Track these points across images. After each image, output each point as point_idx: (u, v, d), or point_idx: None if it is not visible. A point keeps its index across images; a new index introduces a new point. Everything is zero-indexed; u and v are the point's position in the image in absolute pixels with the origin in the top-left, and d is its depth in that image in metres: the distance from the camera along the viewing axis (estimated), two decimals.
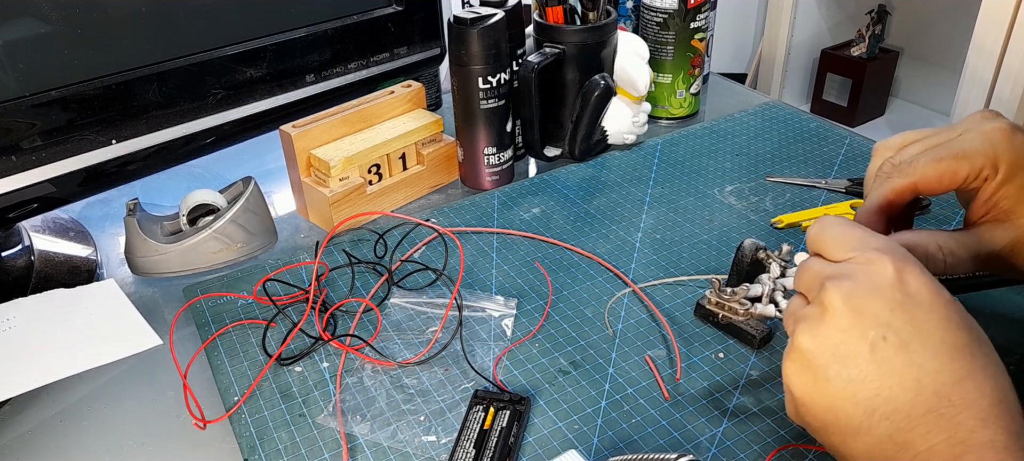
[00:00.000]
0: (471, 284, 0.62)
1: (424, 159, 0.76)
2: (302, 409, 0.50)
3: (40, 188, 0.59)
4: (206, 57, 0.65)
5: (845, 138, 0.83)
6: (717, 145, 0.83)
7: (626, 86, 0.79)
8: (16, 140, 0.57)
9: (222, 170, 0.80)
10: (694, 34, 0.85)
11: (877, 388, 0.34)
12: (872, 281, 0.35)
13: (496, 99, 0.72)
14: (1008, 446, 0.31)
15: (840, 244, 0.38)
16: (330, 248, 0.67)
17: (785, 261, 0.51)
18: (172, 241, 0.63)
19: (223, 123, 0.68)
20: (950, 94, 1.45)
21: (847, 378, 0.34)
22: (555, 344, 0.55)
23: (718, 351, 0.54)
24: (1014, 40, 1.26)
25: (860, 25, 1.96)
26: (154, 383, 0.55)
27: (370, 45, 0.76)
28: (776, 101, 0.94)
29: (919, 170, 0.43)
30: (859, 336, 0.34)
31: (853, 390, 0.34)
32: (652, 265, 0.64)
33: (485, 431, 0.47)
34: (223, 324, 0.58)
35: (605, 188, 0.76)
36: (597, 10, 0.76)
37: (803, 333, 0.36)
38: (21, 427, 0.52)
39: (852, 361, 0.34)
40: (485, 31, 0.68)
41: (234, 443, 0.49)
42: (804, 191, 0.73)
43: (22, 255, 0.66)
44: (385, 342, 0.56)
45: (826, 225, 0.39)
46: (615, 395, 0.50)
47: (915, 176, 0.43)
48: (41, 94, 0.57)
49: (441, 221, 0.71)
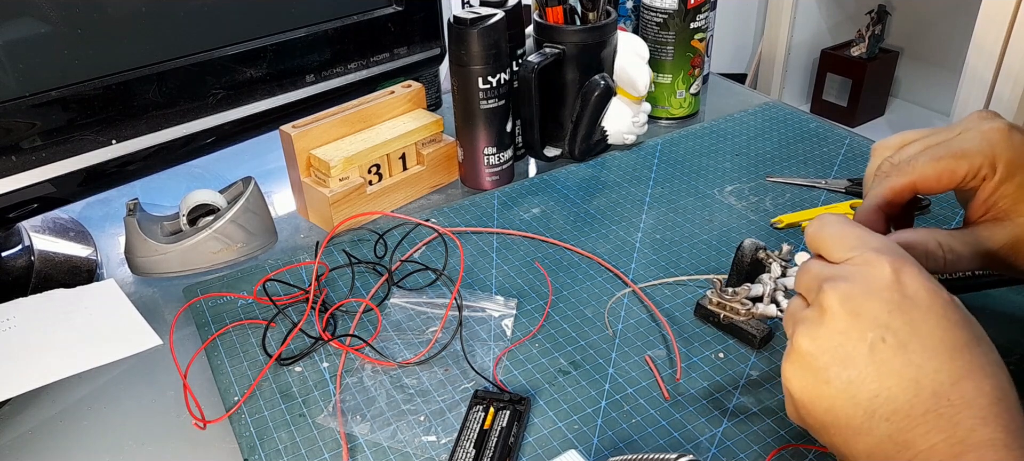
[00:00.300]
0: (471, 284, 0.62)
1: (424, 159, 0.76)
2: (302, 409, 0.50)
3: (40, 188, 0.59)
4: (206, 57, 0.65)
5: (845, 138, 0.83)
6: (717, 145, 0.83)
7: (626, 86, 0.79)
8: (16, 140, 0.57)
9: (222, 170, 0.80)
10: (694, 34, 0.85)
11: (876, 389, 0.34)
12: (870, 282, 0.35)
13: (496, 99, 0.72)
14: (1008, 444, 0.31)
15: (838, 244, 0.38)
16: (330, 248, 0.67)
17: (785, 261, 0.51)
18: (172, 241, 0.63)
19: (223, 123, 0.68)
20: (950, 94, 1.45)
21: (846, 379, 0.34)
22: (555, 344, 0.55)
23: (718, 351, 0.54)
24: (1014, 40, 1.26)
25: (860, 25, 1.96)
26: (154, 383, 0.55)
27: (370, 45, 0.76)
28: (776, 101, 0.94)
29: (918, 169, 0.43)
30: (858, 337, 0.34)
31: (852, 391, 0.34)
32: (652, 265, 0.64)
33: (485, 431, 0.47)
34: (223, 324, 0.58)
35: (605, 188, 0.76)
36: (597, 10, 0.76)
37: (802, 335, 0.36)
38: (21, 427, 0.52)
39: (851, 362, 0.34)
40: (485, 31, 0.68)
41: (234, 443, 0.49)
42: (804, 191, 0.73)
43: (22, 255, 0.66)
44: (385, 342, 0.56)
45: (825, 223, 0.39)
46: (615, 395, 0.50)
47: (914, 175, 0.44)
48: (41, 94, 0.57)
49: (441, 221, 0.71)
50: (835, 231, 0.38)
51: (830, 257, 0.38)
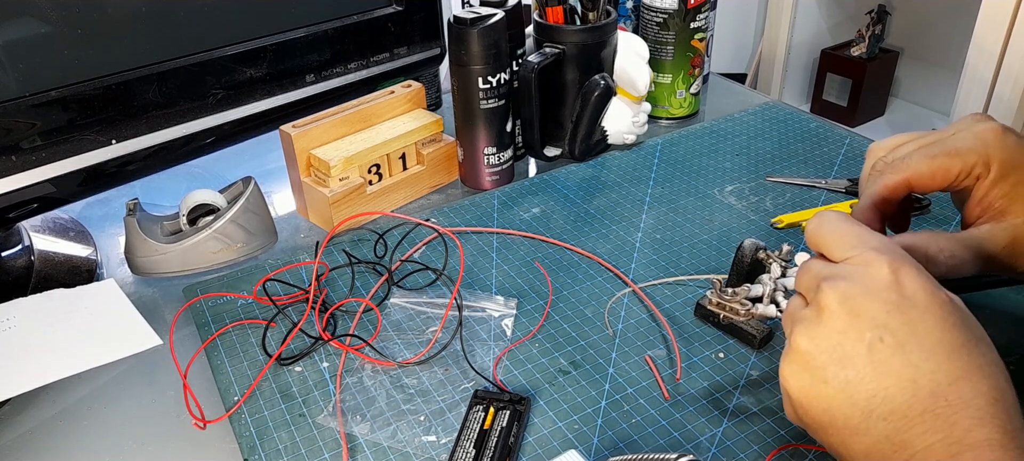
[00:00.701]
0: (471, 284, 0.62)
1: (424, 159, 0.76)
2: (302, 409, 0.50)
3: (40, 188, 0.59)
4: (206, 57, 0.65)
5: (845, 138, 0.83)
6: (717, 145, 0.83)
7: (626, 86, 0.79)
8: (16, 140, 0.57)
9: (222, 170, 0.80)
10: (694, 34, 0.85)
11: (874, 389, 0.34)
12: (868, 282, 0.35)
13: (496, 99, 0.72)
14: (1005, 444, 0.31)
15: (838, 242, 0.38)
16: (330, 248, 0.67)
17: (785, 261, 0.51)
18: (172, 241, 0.63)
19: (223, 123, 0.68)
20: (950, 94, 1.45)
21: (844, 379, 0.34)
22: (555, 344, 0.55)
23: (718, 351, 0.54)
24: (1014, 40, 1.26)
25: (860, 25, 1.96)
26: (154, 383, 0.55)
27: (370, 45, 0.76)
28: (776, 101, 0.94)
29: (912, 166, 0.44)
30: (856, 337, 0.34)
31: (850, 391, 0.34)
32: (652, 265, 0.64)
33: (485, 431, 0.47)
34: (223, 324, 0.58)
35: (605, 188, 0.76)
36: (597, 10, 0.76)
37: (800, 335, 0.36)
38: (21, 427, 0.52)
39: (849, 362, 0.34)
40: (485, 31, 0.68)
41: (234, 443, 0.49)
42: (804, 191, 0.73)
43: (22, 255, 0.66)
44: (385, 342, 0.56)
45: (824, 221, 0.39)
46: (615, 395, 0.50)
47: (908, 172, 0.44)
48: (41, 94, 0.57)
49: (441, 221, 0.71)
50: (834, 229, 0.38)
51: (829, 255, 0.38)
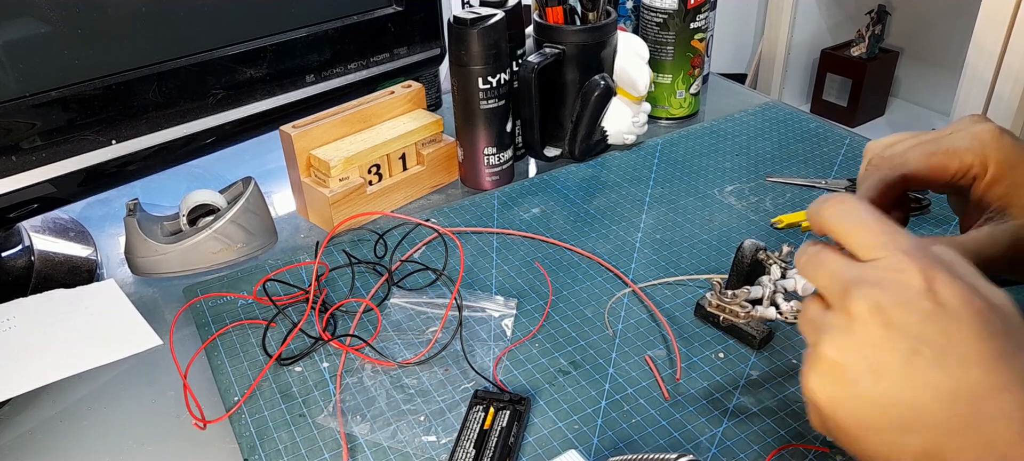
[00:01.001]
0: (471, 284, 0.62)
1: (424, 159, 0.76)
2: (302, 409, 0.50)
3: (40, 188, 0.59)
4: (206, 57, 0.65)
5: (845, 138, 0.83)
6: (717, 145, 0.83)
7: (626, 86, 0.79)
8: (16, 140, 0.57)
9: (222, 170, 0.80)
10: (694, 34, 0.85)
11: (910, 401, 0.32)
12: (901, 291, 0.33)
13: (496, 99, 0.72)
14: None
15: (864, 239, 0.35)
16: (330, 248, 0.67)
17: (785, 262, 0.51)
18: (172, 241, 0.63)
19: (223, 123, 0.68)
20: (950, 94, 1.45)
21: (879, 391, 0.33)
22: (555, 344, 0.55)
23: (718, 351, 0.54)
24: (1014, 40, 1.26)
25: (860, 25, 1.96)
26: (154, 383, 0.55)
27: (370, 45, 0.76)
28: (776, 101, 0.94)
29: (909, 162, 0.44)
30: (891, 349, 0.32)
31: (885, 403, 0.32)
32: (652, 265, 0.64)
33: (485, 431, 0.47)
34: (223, 324, 0.58)
35: (605, 188, 0.76)
36: (597, 10, 0.76)
37: (829, 344, 0.34)
38: (21, 427, 0.52)
39: (884, 374, 0.32)
40: (485, 31, 0.68)
41: (234, 443, 0.49)
42: (804, 191, 0.73)
43: (22, 255, 0.66)
44: (385, 342, 0.56)
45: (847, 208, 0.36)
46: (615, 395, 0.50)
47: (905, 168, 0.44)
48: (41, 94, 0.57)
49: (441, 221, 0.71)
50: (860, 220, 0.36)
51: (853, 251, 0.36)
